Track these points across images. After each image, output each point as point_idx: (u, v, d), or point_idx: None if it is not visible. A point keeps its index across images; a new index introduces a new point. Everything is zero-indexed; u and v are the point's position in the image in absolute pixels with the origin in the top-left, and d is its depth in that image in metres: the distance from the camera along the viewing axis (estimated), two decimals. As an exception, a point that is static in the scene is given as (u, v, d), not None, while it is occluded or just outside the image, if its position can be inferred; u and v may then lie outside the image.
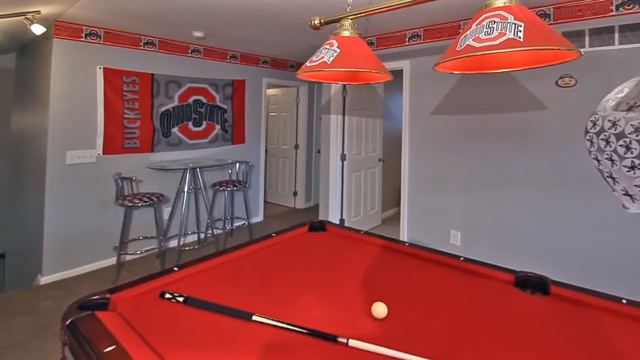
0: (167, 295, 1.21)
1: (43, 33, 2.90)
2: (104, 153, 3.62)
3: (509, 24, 0.94)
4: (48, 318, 2.68)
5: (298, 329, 1.05)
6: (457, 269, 1.50)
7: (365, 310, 1.17)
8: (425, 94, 3.57)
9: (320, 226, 2.01)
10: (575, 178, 2.72)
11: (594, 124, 1.40)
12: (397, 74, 3.62)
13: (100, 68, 3.58)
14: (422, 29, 3.54)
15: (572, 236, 2.75)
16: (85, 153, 3.51)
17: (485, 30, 0.97)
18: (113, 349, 0.90)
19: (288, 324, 1.06)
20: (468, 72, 1.25)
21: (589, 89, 2.61)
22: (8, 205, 4.74)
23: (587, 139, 1.44)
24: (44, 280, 3.31)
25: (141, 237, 3.84)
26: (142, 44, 3.86)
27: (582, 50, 1.59)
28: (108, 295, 1.18)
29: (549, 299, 1.27)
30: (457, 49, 1.02)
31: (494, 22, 0.96)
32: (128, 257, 3.75)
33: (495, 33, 0.94)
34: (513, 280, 1.37)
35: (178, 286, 1.30)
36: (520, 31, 0.91)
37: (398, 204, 4.16)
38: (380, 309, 1.12)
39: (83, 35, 3.44)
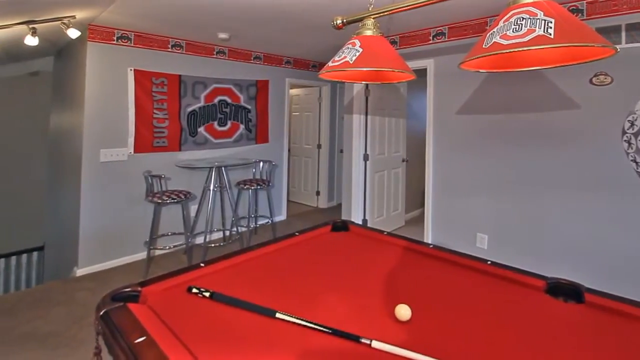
0: (194, 290, 1.25)
1: (78, 37, 3.04)
2: (135, 151, 3.77)
3: (538, 20, 0.91)
4: (83, 308, 2.82)
5: (321, 328, 1.05)
6: (484, 273, 1.46)
7: (388, 311, 1.16)
8: (450, 93, 3.50)
9: (342, 226, 2.01)
10: (611, 180, 2.59)
11: (632, 124, 1.33)
12: (421, 73, 3.57)
13: (131, 70, 3.72)
14: (446, 26, 3.47)
15: (608, 241, 2.63)
16: (118, 151, 3.67)
17: (513, 27, 0.95)
18: (143, 340, 0.94)
19: (311, 323, 1.07)
20: (495, 71, 1.22)
21: (626, 87, 2.48)
22: (47, 200, 5.01)
23: (625, 140, 1.38)
24: (79, 272, 3.48)
25: (169, 233, 3.97)
26: (170, 46, 3.99)
27: (617, 47, 1.52)
28: (139, 288, 1.23)
29: (583, 308, 1.21)
30: (484, 46, 1.00)
31: (523, 18, 0.94)
32: (157, 252, 3.88)
33: (524, 30, 0.92)
34: (544, 287, 1.31)
35: (204, 281, 1.34)
36: (551, 27, 0.88)
37: (422, 205, 4.10)
38: (404, 311, 1.11)
39: (115, 38, 3.59)
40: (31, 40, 2.84)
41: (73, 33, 2.90)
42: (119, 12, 3.05)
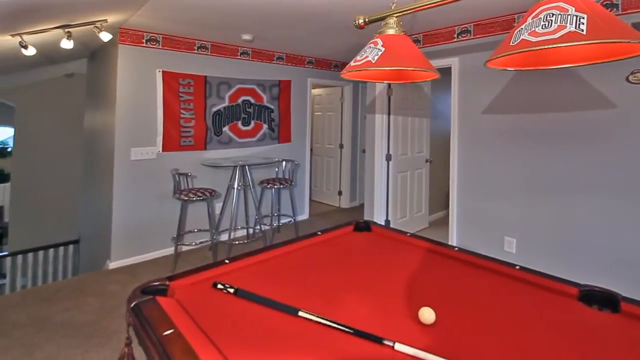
0: (219, 286, 1.28)
1: (110, 40, 3.18)
2: (163, 150, 3.90)
3: (569, 16, 0.88)
4: (115, 299, 2.94)
5: (343, 328, 1.05)
6: (512, 278, 1.41)
7: (411, 314, 1.15)
8: (475, 92, 3.42)
9: (365, 226, 2.01)
10: (649, 182, 2.46)
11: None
12: (445, 71, 3.51)
13: (159, 71, 3.85)
14: (472, 24, 3.39)
15: (644, 246, 2.50)
16: (147, 150, 3.81)
17: (542, 23, 0.92)
18: (171, 333, 0.97)
19: (333, 322, 1.07)
20: (524, 69, 1.19)
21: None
22: (82, 196, 5.25)
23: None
24: (112, 265, 3.64)
25: (195, 230, 4.09)
26: (196, 48, 4.10)
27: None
28: (167, 282, 1.27)
29: (619, 317, 1.15)
30: (511, 44, 0.97)
31: (553, 14, 0.91)
32: (184, 248, 3.99)
33: (554, 26, 0.89)
34: (577, 295, 1.26)
35: (229, 278, 1.37)
36: (583, 23, 0.85)
37: (447, 206, 4.02)
38: (428, 314, 1.09)
39: (144, 41, 3.73)
40: (67, 44, 2.99)
41: (105, 36, 3.03)
42: (148, 15, 3.16)
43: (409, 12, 1.41)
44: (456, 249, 1.69)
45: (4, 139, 9.64)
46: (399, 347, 0.96)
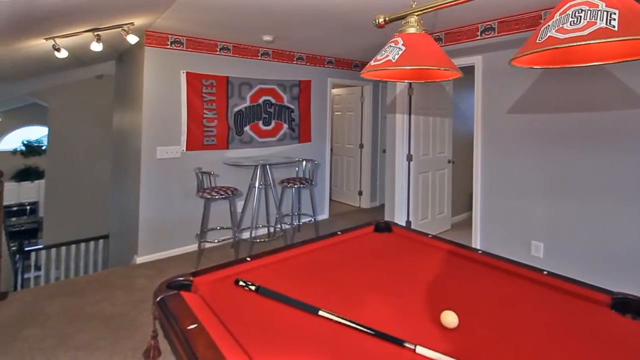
0: (241, 283, 1.31)
1: (136, 42, 3.29)
2: (187, 149, 4.00)
3: (599, 12, 0.85)
4: (142, 293, 3.05)
5: (364, 329, 1.04)
6: (539, 284, 1.36)
7: (433, 317, 1.13)
8: (500, 91, 3.33)
9: (385, 227, 1.99)
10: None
11: None
12: (468, 70, 3.42)
13: (183, 72, 3.96)
14: (496, 21, 3.31)
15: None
16: (172, 149, 3.92)
17: (570, 19, 0.89)
18: (195, 327, 0.99)
19: (354, 323, 1.06)
20: (551, 67, 1.15)
21: None
22: (111, 193, 5.46)
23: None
24: (139, 260, 3.77)
25: (218, 227, 4.17)
26: (218, 49, 4.18)
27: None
28: (191, 278, 1.31)
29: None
30: (538, 41, 0.95)
31: (582, 10, 0.88)
32: (207, 245, 4.08)
33: (583, 22, 0.86)
34: (609, 302, 1.20)
35: (250, 275, 1.40)
36: (614, 19, 0.82)
37: (470, 208, 3.93)
38: (450, 318, 1.07)
39: (169, 43, 3.84)
40: (96, 46, 3.12)
41: (132, 39, 3.14)
42: (173, 17, 3.25)
43: (430, 10, 1.38)
44: (480, 252, 1.64)
45: (39, 137, 10.12)
46: (420, 350, 0.94)
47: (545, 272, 1.40)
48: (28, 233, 9.34)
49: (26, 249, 5.53)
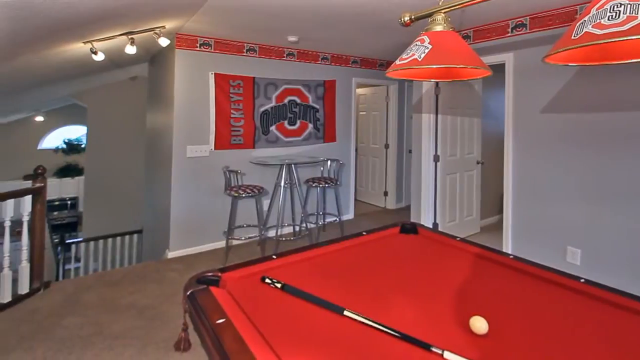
0: (267, 280, 1.33)
1: (168, 45, 3.42)
2: (215, 148, 4.12)
3: (641, 6, 0.81)
4: (173, 286, 3.17)
5: (389, 331, 1.02)
6: (576, 292, 1.29)
7: (461, 322, 1.10)
8: (533, 90, 3.20)
9: (412, 228, 1.96)
10: None
11: None
12: (498, 68, 3.32)
13: (212, 73, 4.07)
14: (527, 17, 3.19)
15: None
16: (201, 148, 4.05)
17: (609, 14, 0.85)
18: (223, 322, 1.02)
19: (379, 324, 1.05)
20: (588, 64, 1.10)
21: None
22: (145, 189, 5.69)
23: None
24: (170, 254, 3.92)
25: (245, 225, 4.26)
26: (245, 50, 4.27)
27: None
28: (219, 274, 1.34)
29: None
30: (573, 37, 0.91)
31: (620, 4, 0.84)
32: (234, 242, 4.18)
33: (623, 17, 0.82)
34: None
35: (276, 273, 1.42)
36: (658, 14, 0.78)
37: (500, 211, 3.81)
38: (480, 324, 1.03)
39: (198, 45, 3.96)
40: (130, 49, 3.26)
41: (163, 41, 3.26)
42: (201, 21, 3.35)
43: (457, 7, 1.34)
44: (511, 256, 1.58)
45: (79, 136, 10.68)
46: (448, 355, 0.91)
47: (582, 280, 1.33)
48: (69, 226, 9.87)
49: (67, 241, 5.86)
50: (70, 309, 2.78)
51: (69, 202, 10.51)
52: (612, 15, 0.84)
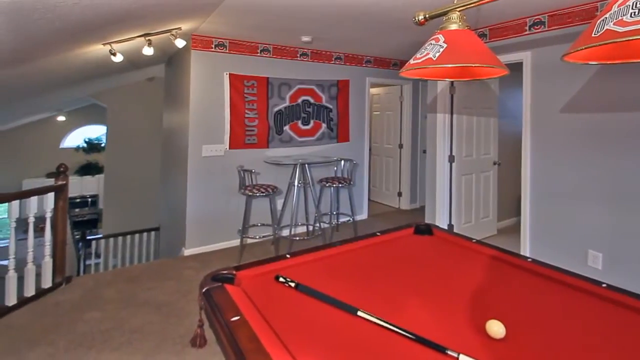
0: (281, 279, 1.35)
1: (184, 46, 3.48)
2: (229, 147, 4.17)
3: (666, 3, 0.78)
4: (189, 284, 3.23)
5: (404, 333, 1.01)
6: (597, 297, 1.26)
7: (477, 325, 1.08)
8: (551, 89, 3.13)
9: (426, 229, 1.94)
10: None
11: None
12: (515, 67, 3.25)
13: (226, 74, 4.12)
14: (546, 14, 3.11)
15: None
16: (216, 147, 4.11)
17: (631, 11, 0.83)
18: (238, 319, 1.03)
19: (394, 326, 1.04)
20: (609, 62, 1.07)
21: None
22: (162, 188, 5.80)
23: None
24: (186, 252, 4.00)
25: (259, 224, 4.31)
26: (259, 51, 4.31)
27: None
28: (234, 272, 1.37)
29: None
30: (594, 35, 0.89)
31: (644, 1, 0.82)
32: (248, 241, 4.21)
33: (646, 14, 0.80)
34: None
35: (290, 272, 1.43)
36: (683, 11, 0.76)
37: (518, 213, 3.73)
38: (497, 328, 1.01)
39: (213, 46, 4.02)
40: (148, 51, 3.33)
41: (180, 43, 3.32)
42: (216, 22, 3.40)
43: (473, 5, 1.32)
44: (529, 259, 1.54)
45: (99, 135, 10.96)
46: (464, 358, 0.90)
47: (604, 285, 1.29)
48: (89, 223, 10.13)
49: (88, 237, 6.02)
50: (90, 303, 2.87)
51: (89, 200, 10.80)
52: (634, 12, 0.82)
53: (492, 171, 4.48)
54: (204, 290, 1.24)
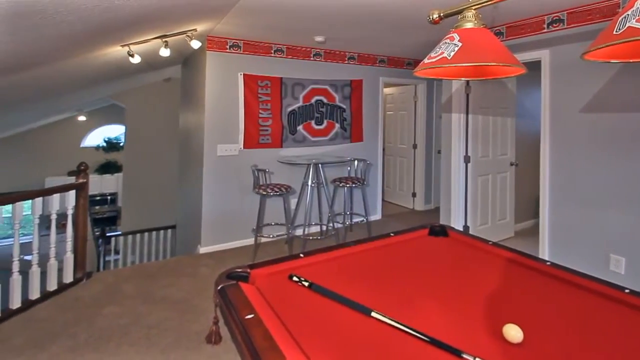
0: (295, 278, 1.35)
1: (199, 47, 3.54)
2: (244, 147, 4.22)
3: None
4: (205, 281, 3.29)
5: (418, 335, 1.00)
6: (620, 303, 1.22)
7: (493, 329, 1.06)
8: (571, 88, 3.05)
9: (441, 231, 1.92)
10: None
11: None
12: (533, 66, 3.19)
13: (241, 74, 4.17)
14: (565, 12, 3.04)
15: None
16: (231, 147, 4.16)
17: (654, 8, 0.81)
18: (252, 317, 1.04)
19: (408, 327, 1.03)
20: (631, 60, 1.05)
21: None
22: (178, 186, 5.91)
23: None
24: (202, 250, 4.06)
25: (273, 223, 4.35)
26: (272, 51, 4.35)
27: None
28: (248, 270, 1.38)
29: None
30: (615, 32, 0.87)
31: (668, -3, 0.79)
32: (262, 240, 4.25)
33: (670, 12, 0.78)
34: None
35: (303, 271, 1.44)
36: None
37: (536, 215, 3.65)
38: (515, 332, 0.99)
39: (227, 47, 4.07)
40: (164, 52, 3.40)
41: (195, 44, 3.37)
42: (231, 23, 3.44)
43: (489, 3, 1.29)
44: (548, 263, 1.50)
45: (118, 135, 11.23)
46: None
47: (627, 291, 1.25)
48: (109, 220, 10.40)
49: (107, 234, 6.19)
50: (110, 298, 2.95)
51: (108, 198, 11.08)
52: (658, 10, 0.80)
53: (509, 172, 4.40)
54: (219, 287, 1.25)
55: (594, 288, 1.30)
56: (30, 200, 2.90)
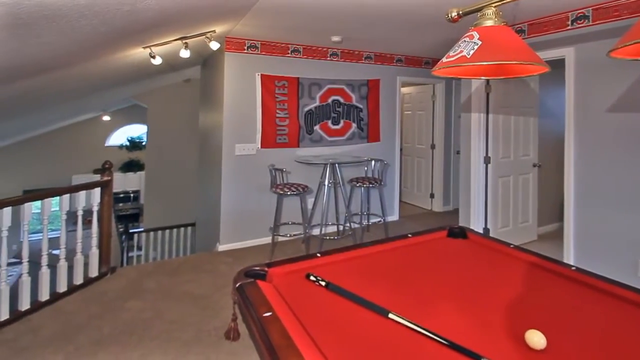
0: (312, 278, 1.36)
1: (218, 48, 3.60)
2: (261, 147, 4.27)
3: None
4: (224, 278, 3.35)
5: (437, 338, 0.99)
6: None
7: (514, 335, 1.04)
8: (597, 87, 2.95)
9: (460, 232, 1.89)
10: None
11: None
12: (557, 64, 3.09)
13: (258, 75, 4.22)
14: (590, 8, 2.94)
15: None
16: (249, 146, 4.22)
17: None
18: (270, 315, 1.05)
19: (426, 330, 1.02)
20: (662, 60, 1.01)
21: None
22: (198, 185, 6.04)
23: None
24: (221, 247, 4.14)
25: (290, 222, 4.39)
26: (289, 51, 4.38)
27: None
28: (266, 269, 1.40)
29: None
30: (644, 30, 0.84)
31: None
32: (280, 239, 4.29)
33: None
34: None
35: (320, 271, 1.44)
36: None
37: (561, 218, 3.55)
38: (538, 338, 0.97)
39: (245, 47, 4.12)
40: (184, 53, 3.47)
41: (214, 45, 3.43)
42: (249, 24, 3.49)
43: (510, 0, 1.25)
44: (573, 268, 1.45)
45: (140, 134, 11.53)
46: None
47: (657, 298, 1.20)
48: (132, 217, 10.69)
49: (130, 231, 6.38)
50: (133, 293, 3.04)
51: (131, 195, 11.39)
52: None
53: (531, 173, 4.28)
54: (237, 285, 1.27)
55: (622, 295, 1.26)
56: (58, 197, 3.03)
